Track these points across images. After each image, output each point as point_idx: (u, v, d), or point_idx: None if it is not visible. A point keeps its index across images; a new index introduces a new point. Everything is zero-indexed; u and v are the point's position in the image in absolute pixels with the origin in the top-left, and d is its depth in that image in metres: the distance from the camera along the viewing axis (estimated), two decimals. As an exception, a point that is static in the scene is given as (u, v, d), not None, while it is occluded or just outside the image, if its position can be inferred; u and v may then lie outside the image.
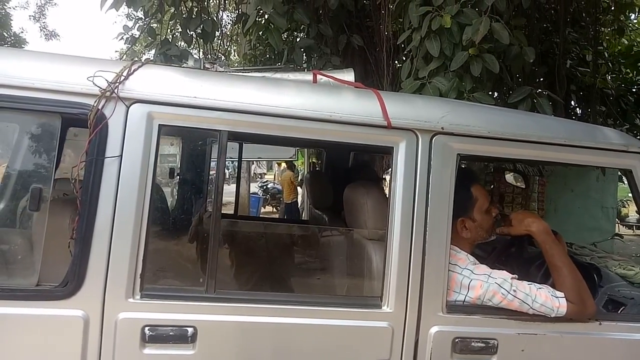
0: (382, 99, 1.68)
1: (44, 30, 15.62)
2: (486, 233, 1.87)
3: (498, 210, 1.92)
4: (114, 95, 1.47)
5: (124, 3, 3.92)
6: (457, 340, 1.63)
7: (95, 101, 1.46)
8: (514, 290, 1.65)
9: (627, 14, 5.50)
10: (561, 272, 1.72)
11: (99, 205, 1.45)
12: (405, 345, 1.62)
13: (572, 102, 5.27)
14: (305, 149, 7.25)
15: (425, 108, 1.77)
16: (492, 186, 4.25)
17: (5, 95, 1.41)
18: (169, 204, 2.55)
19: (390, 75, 4.37)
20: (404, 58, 3.80)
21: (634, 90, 5.33)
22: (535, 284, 1.71)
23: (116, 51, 14.87)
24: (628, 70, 5.57)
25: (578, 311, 1.68)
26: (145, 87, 1.52)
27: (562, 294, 1.67)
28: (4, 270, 1.44)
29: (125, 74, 1.50)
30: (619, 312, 1.93)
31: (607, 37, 5.56)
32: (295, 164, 11.22)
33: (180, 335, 1.48)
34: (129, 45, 4.86)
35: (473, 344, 1.64)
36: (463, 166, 3.23)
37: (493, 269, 1.73)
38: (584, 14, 5.10)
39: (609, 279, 2.14)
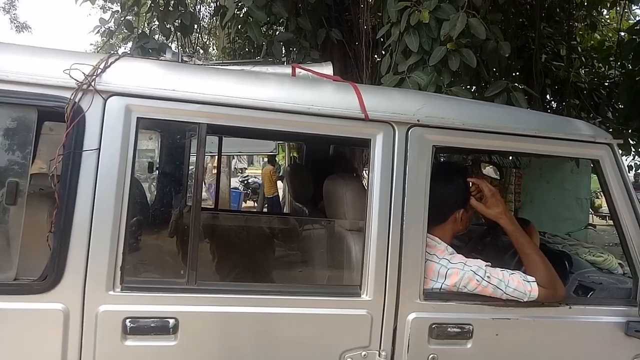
0: (360, 92, 1.70)
1: (15, 22, 15.20)
2: (466, 226, 1.96)
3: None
4: (90, 88, 1.46)
5: (100, -4, 3.87)
6: (434, 326, 1.67)
7: (72, 94, 1.45)
8: (488, 277, 1.71)
9: (599, 9, 5.65)
10: (531, 259, 1.79)
11: (78, 198, 1.44)
12: (384, 331, 1.65)
13: (548, 96, 5.40)
14: (286, 143, 7.25)
15: (402, 101, 1.80)
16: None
17: None
18: (148, 198, 2.53)
19: (369, 69, 4.40)
20: (383, 52, 3.83)
21: (606, 84, 5.45)
22: (508, 270, 1.77)
23: (91, 44, 14.53)
24: (600, 64, 5.70)
25: (549, 295, 1.74)
26: (123, 80, 1.51)
27: (533, 279, 1.73)
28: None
29: (102, 66, 1.49)
30: (588, 296, 2.01)
31: (580, 32, 5.69)
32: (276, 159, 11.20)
33: (162, 327, 1.49)
34: (106, 39, 4.78)
35: (449, 329, 1.68)
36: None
37: (469, 258, 1.78)
38: (558, 10, 5.21)
39: (579, 265, 2.21)
